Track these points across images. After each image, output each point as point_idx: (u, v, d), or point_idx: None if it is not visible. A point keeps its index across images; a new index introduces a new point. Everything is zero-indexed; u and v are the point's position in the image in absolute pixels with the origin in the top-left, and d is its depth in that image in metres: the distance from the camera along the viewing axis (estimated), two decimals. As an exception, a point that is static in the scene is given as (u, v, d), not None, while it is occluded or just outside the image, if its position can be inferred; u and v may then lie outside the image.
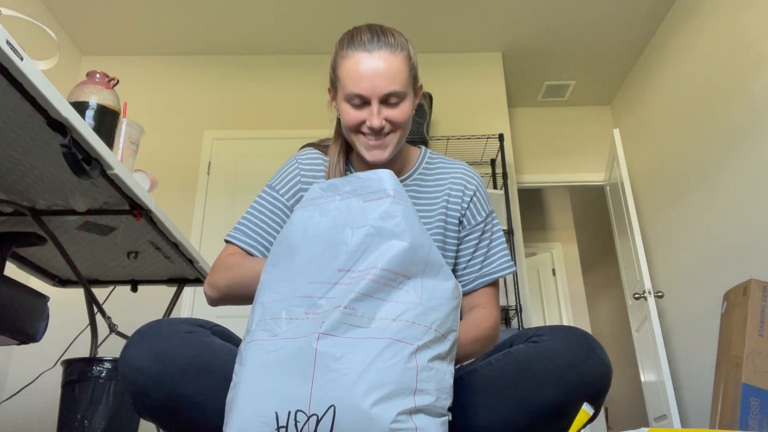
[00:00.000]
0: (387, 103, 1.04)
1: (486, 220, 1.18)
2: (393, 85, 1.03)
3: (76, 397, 1.71)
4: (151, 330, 0.89)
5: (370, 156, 1.07)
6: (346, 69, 1.04)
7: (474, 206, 1.17)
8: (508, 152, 3.85)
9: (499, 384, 0.86)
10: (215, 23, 3.83)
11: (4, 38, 0.97)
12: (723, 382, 2.35)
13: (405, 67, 1.05)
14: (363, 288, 0.79)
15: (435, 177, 1.19)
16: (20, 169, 1.40)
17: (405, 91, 1.05)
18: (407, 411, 0.73)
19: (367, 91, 1.02)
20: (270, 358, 0.78)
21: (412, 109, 1.09)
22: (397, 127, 1.06)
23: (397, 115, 1.05)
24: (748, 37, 2.92)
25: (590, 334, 0.87)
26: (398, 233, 0.83)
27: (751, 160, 2.87)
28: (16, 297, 1.61)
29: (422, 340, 0.77)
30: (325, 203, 0.91)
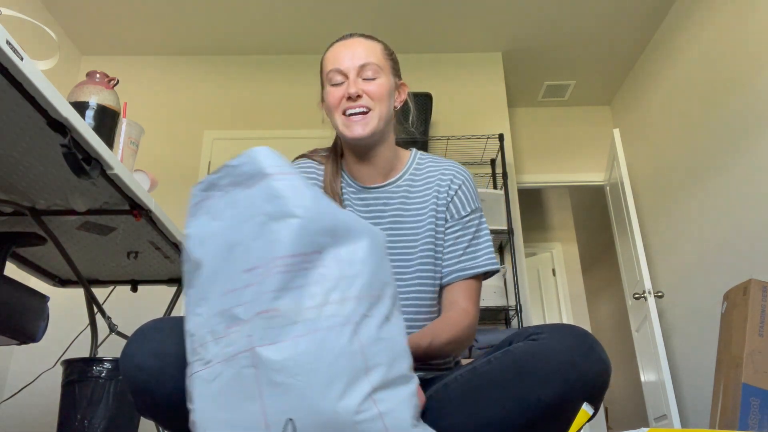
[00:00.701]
0: (364, 78, 1.12)
1: (470, 215, 1.18)
2: (367, 57, 1.12)
3: (76, 397, 1.71)
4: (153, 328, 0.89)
5: (350, 132, 1.11)
6: (327, 57, 1.16)
7: (459, 199, 1.18)
8: (508, 152, 3.85)
9: (498, 382, 0.86)
10: (215, 23, 3.83)
11: (4, 38, 0.97)
12: (723, 382, 2.35)
13: (380, 50, 1.15)
14: (276, 283, 0.72)
15: (425, 176, 1.21)
16: (20, 169, 1.40)
17: (380, 66, 1.13)
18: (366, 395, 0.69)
19: (344, 64, 1.11)
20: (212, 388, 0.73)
21: (390, 89, 1.15)
22: (374, 100, 1.11)
23: (373, 88, 1.11)
24: (749, 36, 2.92)
25: (589, 332, 0.87)
26: (288, 211, 0.75)
27: (751, 160, 2.87)
28: (16, 297, 1.61)
29: (357, 313, 0.72)
30: (212, 204, 0.84)
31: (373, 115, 1.11)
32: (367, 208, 1.18)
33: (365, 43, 1.14)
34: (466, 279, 1.15)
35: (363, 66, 1.11)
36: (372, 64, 1.12)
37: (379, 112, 1.12)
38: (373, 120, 1.11)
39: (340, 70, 1.11)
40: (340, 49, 1.14)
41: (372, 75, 1.12)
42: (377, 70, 1.12)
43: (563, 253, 5.35)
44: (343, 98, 1.11)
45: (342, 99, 1.11)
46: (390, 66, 1.17)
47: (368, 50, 1.13)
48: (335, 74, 1.12)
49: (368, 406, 0.69)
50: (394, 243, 1.14)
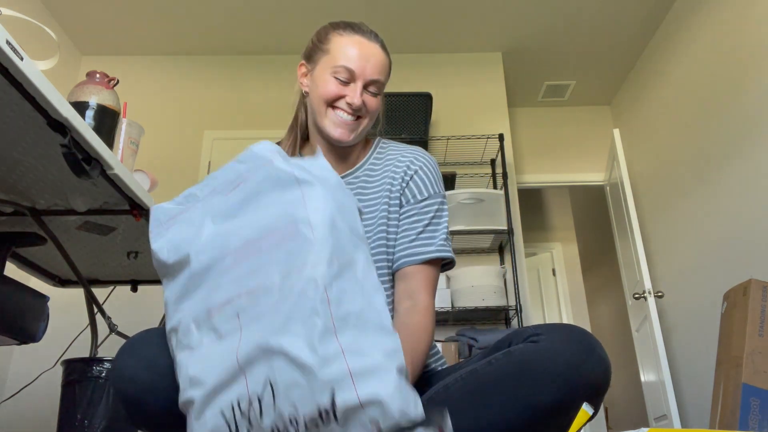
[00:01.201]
0: (367, 90, 1.12)
1: (427, 200, 1.14)
2: (380, 75, 1.13)
3: (76, 397, 1.71)
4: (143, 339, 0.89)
5: (336, 132, 1.11)
6: (341, 43, 1.12)
7: (414, 184, 1.14)
8: (508, 152, 3.85)
9: (499, 384, 0.86)
10: (215, 23, 3.83)
11: (4, 38, 0.97)
12: (723, 382, 2.35)
13: (388, 69, 1.17)
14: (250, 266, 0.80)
15: (383, 164, 1.19)
16: (20, 169, 1.40)
17: (384, 85, 1.16)
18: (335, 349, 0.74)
19: (359, 69, 1.10)
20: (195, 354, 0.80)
21: (380, 107, 1.18)
22: (369, 115, 1.14)
23: (372, 102, 1.13)
24: (749, 36, 2.92)
25: (589, 332, 0.86)
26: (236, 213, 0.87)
27: (751, 160, 2.87)
28: (16, 297, 1.61)
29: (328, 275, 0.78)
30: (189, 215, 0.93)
31: (362, 124, 1.13)
32: None
33: (381, 56, 1.14)
34: (420, 264, 1.08)
35: (373, 81, 1.12)
36: (380, 82, 1.13)
37: (368, 123, 1.15)
38: (358, 129, 1.13)
39: (352, 72, 1.10)
40: (357, 50, 1.11)
41: (376, 91, 1.13)
42: (381, 88, 1.15)
43: (563, 253, 5.35)
44: (341, 98, 1.11)
45: (339, 98, 1.11)
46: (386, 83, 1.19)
47: (382, 66, 1.14)
48: (344, 72, 1.10)
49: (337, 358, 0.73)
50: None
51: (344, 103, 1.10)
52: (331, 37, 1.14)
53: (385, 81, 1.15)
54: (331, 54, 1.11)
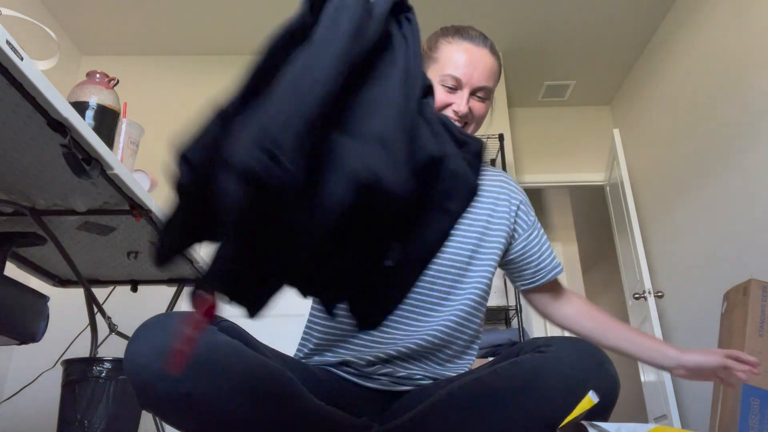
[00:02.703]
0: (474, 96, 1.12)
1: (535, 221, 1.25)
2: (488, 81, 1.12)
3: (76, 397, 1.71)
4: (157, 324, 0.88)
5: None
6: (449, 51, 1.13)
7: (523, 208, 1.24)
8: (508, 152, 3.85)
9: (504, 394, 0.84)
10: (215, 23, 3.83)
11: (4, 38, 0.97)
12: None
13: (497, 73, 1.16)
14: None
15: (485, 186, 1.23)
16: (20, 169, 1.40)
17: (492, 92, 1.15)
18: None
19: (466, 76, 1.10)
20: None
21: (489, 109, 1.17)
22: (475, 121, 1.14)
23: (479, 108, 1.13)
24: (749, 37, 2.92)
25: (599, 348, 0.85)
26: None
27: (751, 160, 2.87)
28: (16, 297, 1.61)
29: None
30: None
31: (469, 131, 1.14)
32: None
33: (490, 61, 1.13)
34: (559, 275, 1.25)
35: (480, 87, 1.12)
36: (488, 88, 1.13)
37: (474, 129, 1.16)
38: None
39: (458, 80, 1.10)
40: (465, 57, 1.11)
41: (483, 96, 1.13)
42: (489, 94, 1.14)
43: (563, 253, 5.35)
44: (448, 106, 1.11)
45: (446, 105, 1.11)
46: (495, 86, 1.18)
47: (490, 71, 1.13)
48: (451, 80, 1.11)
49: None
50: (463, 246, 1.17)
51: (451, 111, 1.11)
52: (440, 44, 1.15)
53: (493, 86, 1.14)
54: (440, 63, 1.13)
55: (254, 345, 1.00)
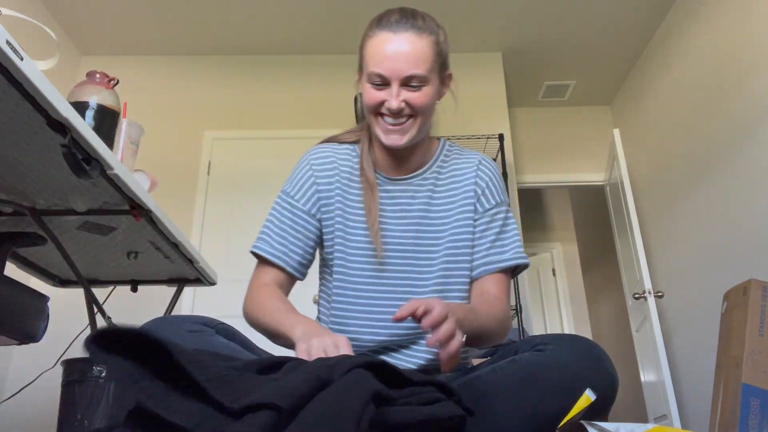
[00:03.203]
0: (408, 86, 1.03)
1: (496, 208, 1.15)
2: (415, 68, 1.02)
3: (76, 397, 1.71)
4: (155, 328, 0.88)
5: (387, 140, 1.07)
6: (370, 48, 1.05)
7: (483, 193, 1.16)
8: (508, 152, 3.85)
9: (503, 393, 0.84)
10: (215, 23, 3.83)
11: (4, 38, 0.97)
12: (723, 382, 2.34)
13: (430, 52, 1.04)
14: None
15: (451, 167, 1.19)
16: (20, 169, 1.40)
17: (427, 76, 1.03)
18: None
19: (388, 71, 1.02)
20: None
21: (434, 96, 1.08)
22: (416, 111, 1.05)
23: (416, 98, 1.04)
24: (748, 37, 2.92)
25: (597, 345, 0.85)
26: None
27: (751, 159, 2.87)
28: (16, 297, 1.61)
29: None
30: None
31: (412, 124, 1.06)
32: (393, 200, 1.15)
33: (415, 43, 1.02)
34: (495, 273, 1.11)
35: (408, 77, 1.02)
36: (418, 76, 1.02)
37: (419, 122, 1.06)
38: (411, 130, 1.06)
39: (382, 76, 1.02)
40: (386, 49, 1.02)
41: (417, 84, 1.03)
42: (423, 79, 1.03)
43: (563, 253, 5.35)
44: (382, 104, 1.05)
45: (381, 104, 1.05)
46: (438, 65, 1.07)
47: (417, 57, 1.02)
48: (376, 77, 1.03)
49: None
50: (422, 234, 1.12)
51: (386, 109, 1.05)
52: (364, 41, 1.08)
53: (427, 70, 1.03)
54: (366, 60, 1.06)
55: (251, 347, 0.99)
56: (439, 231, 1.12)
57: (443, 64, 1.10)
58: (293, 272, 1.13)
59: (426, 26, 1.05)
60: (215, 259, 3.09)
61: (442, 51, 1.08)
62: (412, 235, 1.12)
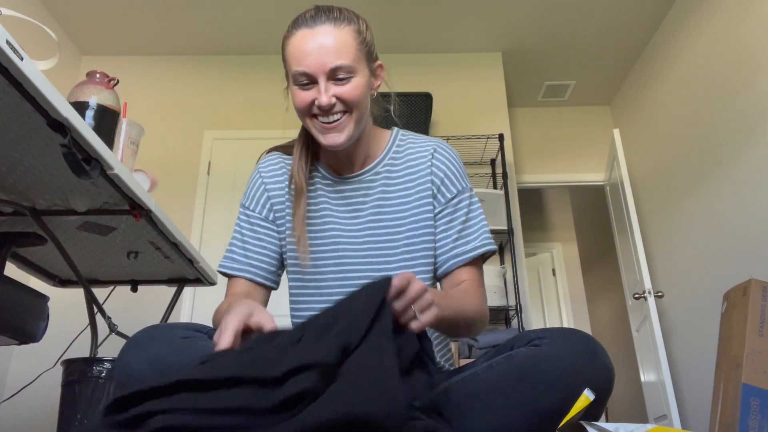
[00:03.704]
0: (335, 79, 0.99)
1: (458, 196, 1.12)
2: (339, 58, 0.98)
3: (76, 397, 1.71)
4: (147, 336, 0.88)
5: (325, 140, 1.03)
6: (290, 48, 1.01)
7: (444, 184, 1.12)
8: (508, 152, 3.85)
9: (500, 388, 0.84)
10: (215, 23, 3.83)
11: (4, 38, 0.97)
12: (723, 382, 2.35)
13: (352, 40, 1.01)
14: None
15: (405, 157, 1.14)
16: (20, 169, 1.40)
17: (353, 66, 1.00)
18: None
19: (312, 67, 0.98)
20: None
21: (366, 88, 1.03)
22: (349, 106, 1.01)
23: (346, 91, 0.99)
24: (749, 36, 2.92)
25: (592, 337, 0.85)
26: None
27: (751, 159, 2.87)
28: (16, 297, 1.61)
29: None
30: None
31: (348, 120, 1.02)
32: (345, 200, 1.13)
33: (334, 34, 0.99)
34: (467, 264, 1.09)
35: (333, 69, 0.98)
36: (344, 66, 0.98)
37: (355, 116, 1.02)
38: (348, 126, 1.02)
39: (307, 73, 0.98)
40: (305, 46, 0.98)
41: (344, 75, 0.99)
42: (350, 70, 0.99)
43: (563, 253, 5.35)
44: (312, 104, 1.00)
45: (311, 104, 1.00)
46: (364, 55, 1.03)
47: (339, 46, 0.98)
48: (301, 77, 0.99)
49: None
50: (377, 232, 1.10)
51: (317, 108, 1.00)
52: (284, 43, 1.04)
53: (351, 60, 0.99)
54: (288, 62, 1.02)
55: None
56: (396, 227, 1.10)
57: (369, 53, 1.05)
58: (263, 281, 1.13)
59: (342, 16, 1.02)
60: (215, 259, 3.09)
61: (366, 40, 1.04)
62: (368, 233, 1.10)
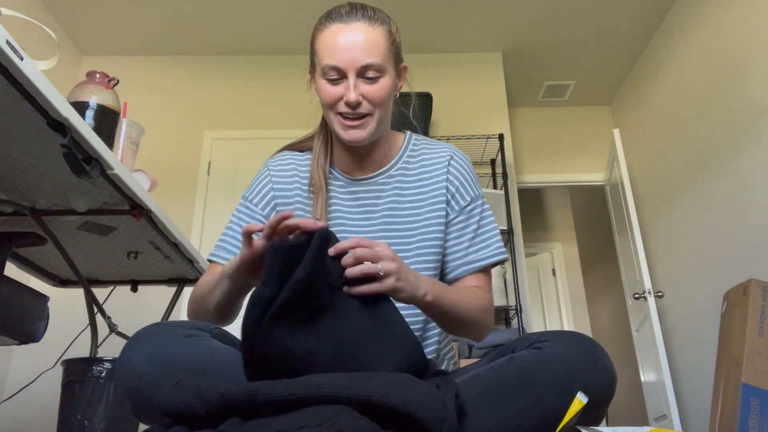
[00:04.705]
0: (364, 77, 1.00)
1: (471, 204, 1.12)
2: (370, 57, 0.99)
3: (76, 397, 1.71)
4: (150, 333, 0.88)
5: (347, 135, 1.03)
6: (322, 41, 1.02)
7: (459, 191, 1.12)
8: (508, 152, 3.85)
9: (501, 391, 0.84)
10: (215, 23, 3.83)
11: (4, 38, 0.97)
12: (723, 382, 2.35)
13: (384, 41, 1.02)
14: None
15: (419, 162, 1.14)
16: (20, 169, 1.40)
17: (384, 65, 1.01)
18: None
19: (344, 62, 0.99)
20: None
21: (392, 88, 1.04)
22: (374, 105, 1.02)
23: (374, 91, 1.01)
24: (748, 36, 2.92)
25: (595, 341, 0.85)
26: None
27: (751, 159, 2.87)
28: (16, 297, 1.61)
29: None
30: None
31: (372, 119, 1.03)
32: (357, 202, 1.12)
33: (367, 32, 1.00)
34: (477, 272, 1.09)
35: (366, 66, 0.99)
36: (375, 65, 0.99)
37: (378, 115, 1.03)
38: (371, 124, 1.03)
39: (338, 68, 0.99)
40: (338, 40, 0.99)
41: (373, 75, 1.00)
42: (380, 69, 1.00)
43: (563, 253, 5.35)
44: (340, 100, 1.01)
45: (338, 100, 1.02)
46: (393, 56, 1.04)
47: (371, 46, 0.99)
48: (331, 71, 1.00)
49: None
50: (390, 234, 1.09)
51: (343, 105, 1.01)
52: (315, 36, 1.04)
53: (382, 59, 1.00)
54: (319, 55, 1.03)
55: None
56: (409, 230, 1.09)
57: (398, 55, 1.07)
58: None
59: (376, 16, 1.03)
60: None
61: (396, 41, 1.06)
62: (380, 235, 1.09)
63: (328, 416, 0.59)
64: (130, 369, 0.85)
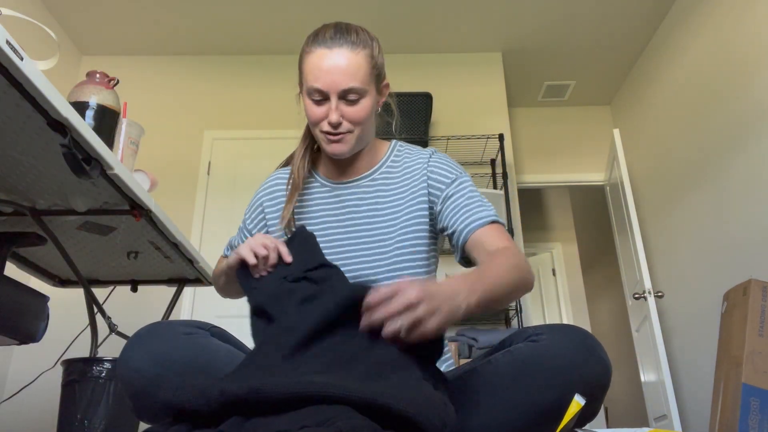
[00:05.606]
0: (346, 99, 1.07)
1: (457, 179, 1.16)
2: (352, 81, 1.05)
3: (76, 397, 1.71)
4: (150, 332, 0.89)
5: (330, 149, 1.11)
6: (308, 64, 1.08)
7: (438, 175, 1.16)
8: (508, 152, 3.85)
9: (498, 384, 0.85)
10: (215, 23, 3.83)
11: (4, 38, 0.97)
12: (723, 382, 2.35)
13: (366, 65, 1.08)
14: None
15: (401, 166, 1.20)
16: (20, 169, 1.40)
17: (364, 88, 1.07)
18: None
19: (326, 86, 1.05)
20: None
21: (372, 107, 1.11)
22: (355, 124, 1.09)
23: (355, 112, 1.08)
24: (748, 36, 2.92)
25: (589, 333, 0.86)
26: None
27: (751, 159, 2.87)
28: (16, 297, 1.61)
29: None
30: None
31: (352, 136, 1.10)
32: (341, 204, 1.17)
33: (350, 58, 1.06)
34: (487, 226, 1.07)
35: (345, 91, 1.05)
36: (355, 88, 1.06)
37: (359, 133, 1.10)
38: (352, 141, 1.10)
39: (321, 90, 1.06)
40: (322, 64, 1.05)
41: (354, 98, 1.07)
42: (360, 92, 1.07)
43: (563, 253, 5.35)
44: (323, 119, 1.08)
45: (322, 119, 1.08)
46: (374, 77, 1.11)
47: (353, 70, 1.05)
48: (315, 93, 1.07)
49: None
50: (371, 233, 1.13)
51: (326, 124, 1.08)
52: (303, 56, 1.10)
53: (362, 83, 1.06)
54: (304, 75, 1.09)
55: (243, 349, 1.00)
56: (388, 227, 1.14)
57: (379, 75, 1.13)
58: None
59: (360, 40, 1.09)
60: (215, 259, 3.09)
61: (377, 63, 1.12)
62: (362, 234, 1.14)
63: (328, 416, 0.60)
64: (130, 366, 0.86)
